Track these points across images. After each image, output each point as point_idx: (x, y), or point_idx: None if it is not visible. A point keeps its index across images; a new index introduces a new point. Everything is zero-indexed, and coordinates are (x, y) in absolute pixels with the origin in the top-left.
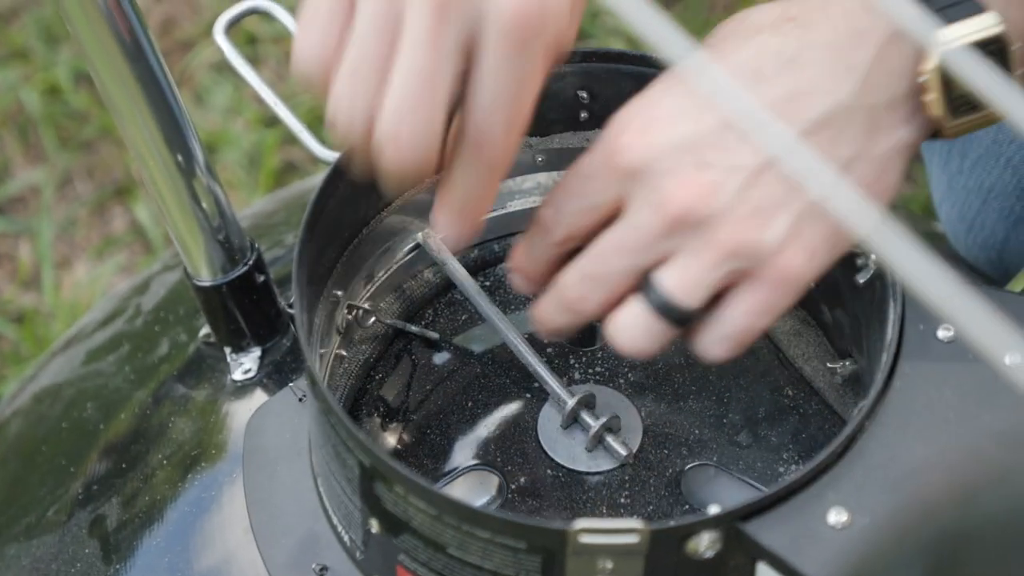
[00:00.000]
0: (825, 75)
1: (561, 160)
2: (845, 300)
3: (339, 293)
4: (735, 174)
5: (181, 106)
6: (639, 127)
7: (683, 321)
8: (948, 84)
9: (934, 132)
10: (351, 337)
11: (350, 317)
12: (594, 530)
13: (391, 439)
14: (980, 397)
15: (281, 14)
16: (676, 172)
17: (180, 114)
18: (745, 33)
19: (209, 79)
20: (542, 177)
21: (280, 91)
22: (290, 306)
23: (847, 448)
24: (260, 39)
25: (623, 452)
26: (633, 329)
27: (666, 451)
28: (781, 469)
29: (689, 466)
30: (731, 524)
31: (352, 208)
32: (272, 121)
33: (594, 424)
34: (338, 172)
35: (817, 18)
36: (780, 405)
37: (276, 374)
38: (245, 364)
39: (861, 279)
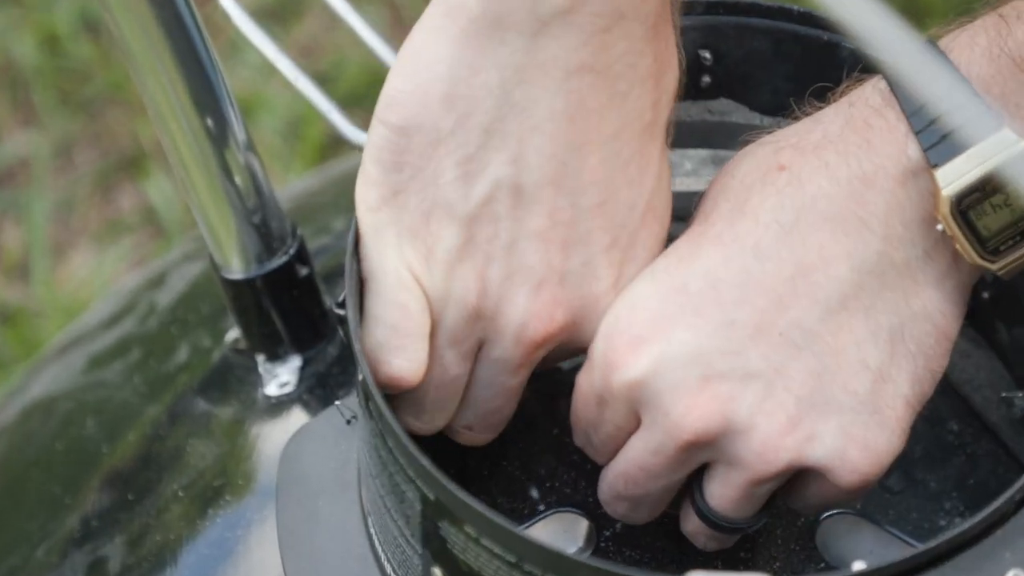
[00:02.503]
0: (837, 237)
1: (679, 136)
2: None
3: None
4: (751, 382)
5: (214, 59)
6: (628, 343)
7: (741, 530)
8: (974, 228)
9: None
10: None
11: None
12: None
13: (456, 472)
14: None
15: None
16: (680, 390)
17: (213, 69)
18: (736, 197)
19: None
20: None
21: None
22: (339, 305)
23: None
24: None
25: None
26: (704, 541)
27: None
28: (942, 522)
29: (826, 515)
30: None
31: None
32: (318, 82)
33: None
34: None
35: (811, 166)
36: (942, 442)
37: (319, 389)
38: (282, 376)
39: None
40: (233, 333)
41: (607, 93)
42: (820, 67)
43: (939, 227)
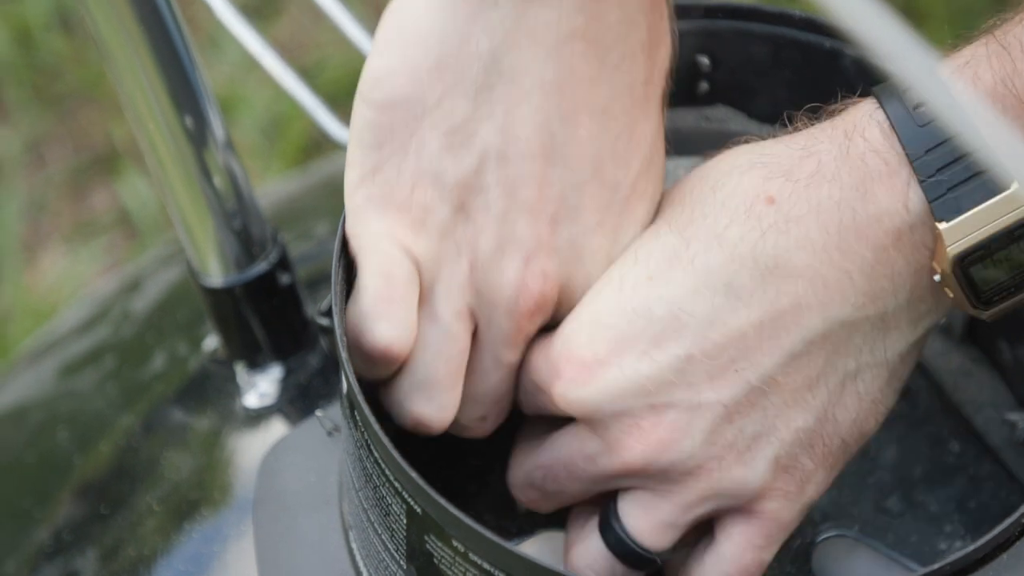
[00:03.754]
0: (816, 288)
1: (673, 144)
2: None
3: None
4: (703, 413)
5: (193, 55)
6: (583, 362)
7: (650, 563)
8: (972, 281)
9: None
10: None
11: None
12: None
13: (442, 486)
14: None
15: None
16: (627, 418)
17: (191, 65)
18: (715, 218)
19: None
20: None
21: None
22: (322, 314)
23: None
24: None
25: None
26: (592, 572)
27: None
28: (943, 545)
29: (823, 537)
30: None
31: None
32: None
33: None
34: None
35: (802, 206)
36: (943, 464)
37: (300, 400)
38: (261, 386)
39: None
40: (211, 341)
41: (598, 63)
42: (822, 75)
43: (936, 278)
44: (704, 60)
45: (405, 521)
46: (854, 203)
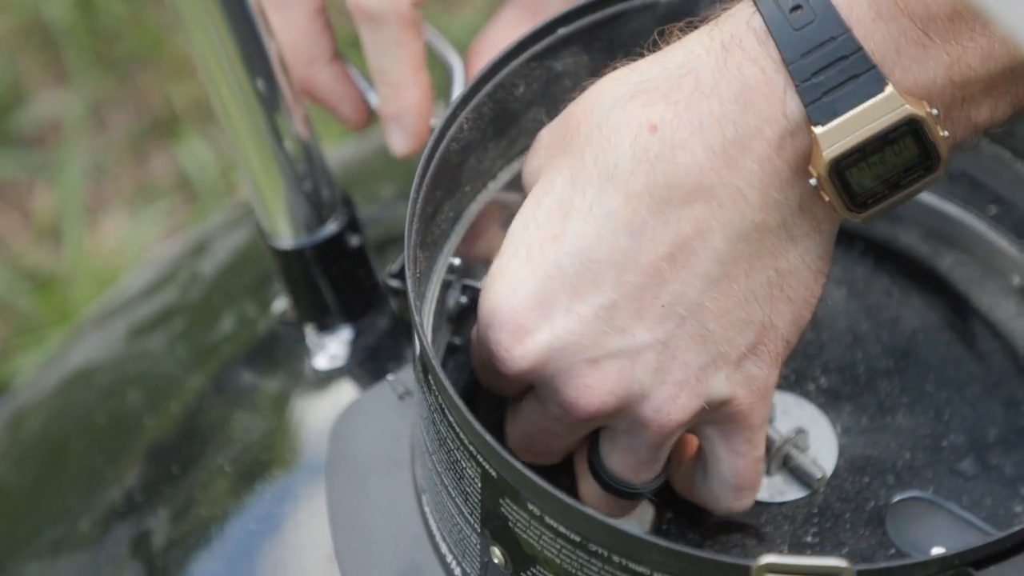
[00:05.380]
0: (712, 209)
1: None
2: None
3: (455, 262)
4: (639, 356)
5: (264, 18)
6: (512, 335)
7: (638, 495)
8: (847, 185)
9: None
10: (467, 324)
11: (465, 300)
12: (787, 567)
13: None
14: None
15: None
16: (570, 374)
17: (262, 28)
18: (604, 155)
19: None
20: None
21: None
22: (393, 276)
23: None
24: None
25: (815, 475)
26: (599, 506)
27: (867, 479)
28: (1018, 508)
29: (897, 498)
30: (962, 570)
31: (478, 155)
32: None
33: (776, 439)
34: (464, 103)
35: (684, 129)
36: (1017, 426)
37: (370, 362)
38: (331, 348)
39: None
40: (280, 303)
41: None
42: None
43: (812, 182)
44: None
45: (480, 485)
46: (734, 116)
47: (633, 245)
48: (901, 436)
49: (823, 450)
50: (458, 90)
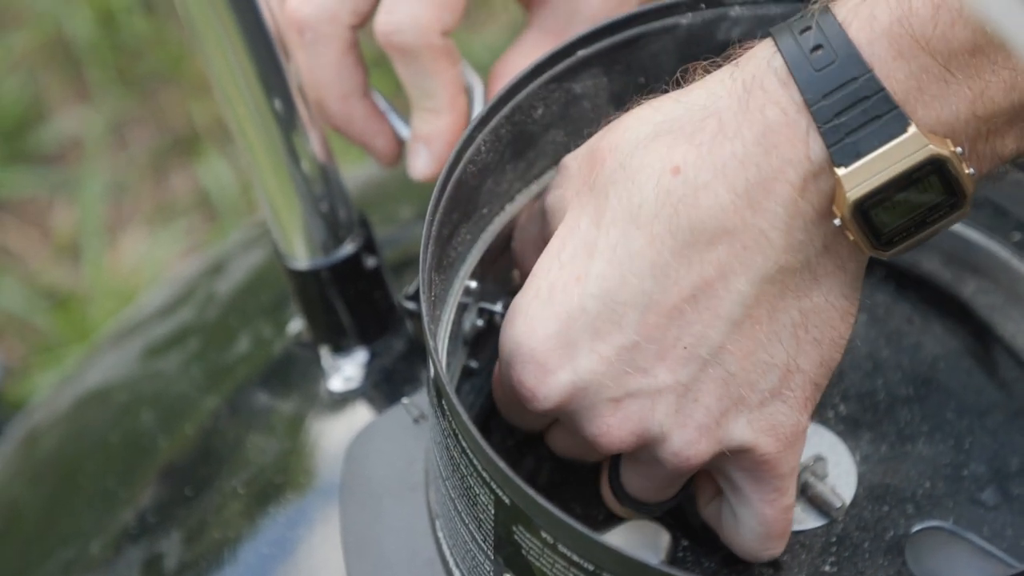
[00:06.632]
0: (736, 251)
1: None
2: None
3: (472, 285)
4: (660, 397)
5: (282, 39)
6: (535, 375)
7: (651, 509)
8: (872, 224)
9: None
10: (484, 347)
11: (481, 323)
12: None
13: (527, 475)
14: None
15: None
16: (593, 413)
17: (280, 49)
18: (628, 196)
19: None
20: None
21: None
22: (408, 298)
23: None
24: None
25: (834, 504)
26: (621, 507)
27: (886, 508)
28: None
29: (917, 528)
30: None
31: (496, 177)
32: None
33: None
34: (482, 125)
35: (708, 171)
36: None
37: (384, 384)
38: (346, 370)
39: None
40: (295, 324)
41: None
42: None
43: (836, 222)
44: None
45: (493, 511)
46: (757, 158)
47: (656, 287)
48: (921, 465)
49: (842, 478)
50: (478, 111)
